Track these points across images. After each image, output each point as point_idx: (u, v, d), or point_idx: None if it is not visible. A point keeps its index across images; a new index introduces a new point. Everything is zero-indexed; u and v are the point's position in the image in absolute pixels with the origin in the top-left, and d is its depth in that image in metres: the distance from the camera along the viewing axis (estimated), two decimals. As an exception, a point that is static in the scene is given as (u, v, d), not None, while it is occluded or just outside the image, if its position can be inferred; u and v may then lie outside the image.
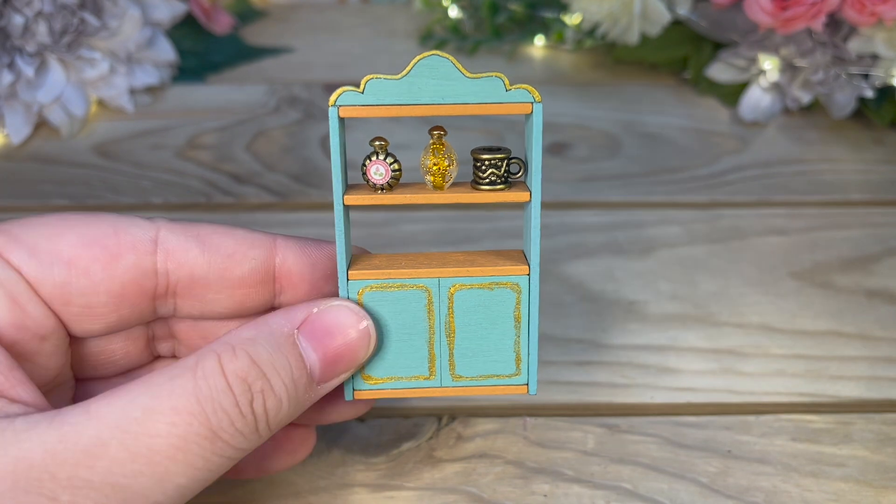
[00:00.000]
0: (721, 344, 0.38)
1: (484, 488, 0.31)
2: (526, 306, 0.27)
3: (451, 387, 0.28)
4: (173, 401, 0.22)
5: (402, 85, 0.25)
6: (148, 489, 0.21)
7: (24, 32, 0.51)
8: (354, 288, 0.26)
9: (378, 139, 0.26)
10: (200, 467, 0.22)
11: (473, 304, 0.27)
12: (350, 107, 0.25)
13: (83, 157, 0.53)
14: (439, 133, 0.26)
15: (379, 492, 0.31)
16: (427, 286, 0.27)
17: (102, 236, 0.25)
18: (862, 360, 0.37)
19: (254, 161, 0.53)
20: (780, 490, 0.31)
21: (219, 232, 0.27)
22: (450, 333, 0.27)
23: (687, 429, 0.34)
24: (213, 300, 0.27)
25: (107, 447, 0.21)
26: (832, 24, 0.54)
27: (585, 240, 0.45)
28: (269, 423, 0.24)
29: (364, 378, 0.27)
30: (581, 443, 0.33)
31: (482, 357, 0.27)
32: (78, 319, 0.25)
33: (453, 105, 0.25)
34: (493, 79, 0.25)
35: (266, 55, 0.68)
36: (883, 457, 0.33)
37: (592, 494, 0.31)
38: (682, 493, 0.31)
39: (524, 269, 0.27)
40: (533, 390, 0.28)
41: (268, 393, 0.23)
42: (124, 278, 0.25)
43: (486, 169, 0.26)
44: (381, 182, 0.26)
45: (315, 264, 0.27)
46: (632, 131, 0.57)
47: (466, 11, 0.71)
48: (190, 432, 0.22)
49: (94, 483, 0.21)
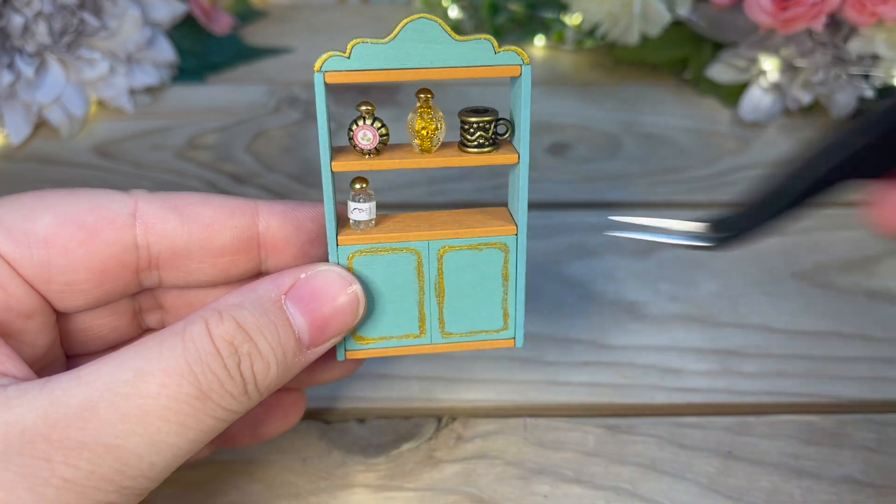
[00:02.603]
0: (721, 344, 0.38)
1: (484, 489, 0.31)
2: (514, 265, 0.27)
3: (440, 343, 0.28)
4: (163, 363, 0.22)
5: (388, 49, 0.24)
6: (141, 449, 0.22)
7: (23, 32, 0.51)
8: (344, 253, 0.26)
9: (365, 103, 0.25)
10: (193, 427, 0.22)
11: (462, 264, 0.27)
12: (336, 72, 0.24)
13: (83, 157, 0.53)
14: (426, 96, 0.26)
15: (379, 492, 0.31)
16: (417, 249, 0.27)
17: (79, 213, 0.25)
18: (862, 360, 0.37)
19: (254, 161, 0.53)
20: (780, 490, 0.31)
21: (198, 201, 0.27)
22: (439, 293, 0.27)
23: (687, 429, 0.34)
24: (196, 269, 0.27)
25: (97, 409, 0.21)
26: (832, 24, 0.54)
27: (585, 240, 0.45)
28: (257, 385, 0.24)
29: (356, 339, 0.27)
30: (581, 443, 0.33)
31: (471, 314, 0.28)
32: (61, 296, 0.26)
33: (442, 69, 0.25)
34: (481, 41, 0.24)
35: (266, 55, 0.68)
36: (883, 457, 0.33)
37: (592, 495, 0.31)
38: (682, 494, 0.31)
39: (512, 228, 0.27)
40: (520, 343, 0.28)
41: (255, 356, 0.23)
42: (104, 254, 0.25)
43: (475, 132, 0.26)
44: (369, 147, 0.26)
45: (300, 228, 0.27)
46: (632, 131, 0.57)
47: (466, 11, 0.71)
48: (180, 392, 0.22)
49: (86, 444, 0.21)
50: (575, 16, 0.64)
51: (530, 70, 0.25)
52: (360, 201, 0.26)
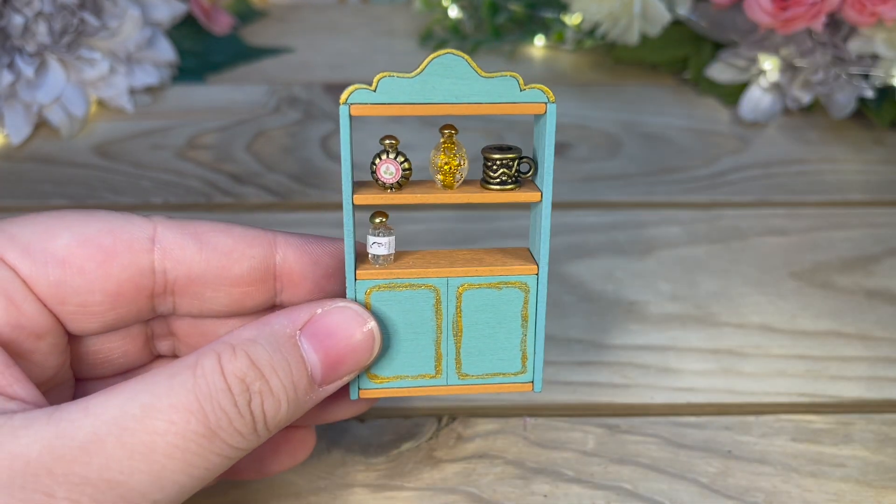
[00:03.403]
0: (721, 344, 0.38)
1: (484, 488, 0.31)
2: (534, 306, 0.27)
3: (456, 385, 0.28)
4: (172, 398, 0.22)
5: (415, 84, 0.24)
6: (145, 486, 0.21)
7: (23, 32, 0.51)
8: (362, 288, 0.26)
9: (388, 137, 0.25)
10: (198, 465, 0.22)
11: (481, 303, 0.27)
12: (362, 105, 0.24)
13: (83, 157, 0.53)
14: (450, 132, 0.26)
15: (379, 492, 0.31)
16: (436, 286, 0.26)
17: (98, 235, 0.25)
18: (862, 360, 0.37)
19: (254, 161, 0.53)
20: (780, 490, 0.31)
21: (217, 229, 0.26)
22: (457, 333, 0.27)
23: (687, 429, 0.34)
24: (211, 298, 0.27)
25: (104, 443, 0.21)
26: (832, 24, 0.54)
27: (585, 240, 0.45)
28: (267, 423, 0.23)
29: (370, 377, 0.27)
30: (581, 443, 0.33)
31: (488, 355, 0.27)
32: (74, 318, 0.25)
33: (467, 104, 0.25)
34: (507, 78, 0.24)
35: (266, 55, 0.68)
36: (883, 457, 0.33)
37: (592, 495, 0.31)
38: (682, 494, 0.31)
39: (533, 268, 0.27)
40: (538, 387, 0.28)
41: (266, 394, 0.23)
42: (120, 277, 0.25)
43: (497, 168, 0.26)
44: (392, 181, 0.26)
45: (317, 262, 0.27)
46: (632, 131, 0.57)
47: (466, 11, 0.71)
48: (188, 430, 0.22)
49: (90, 479, 0.21)
50: (575, 16, 0.64)
51: (555, 108, 0.25)
52: (380, 235, 0.26)
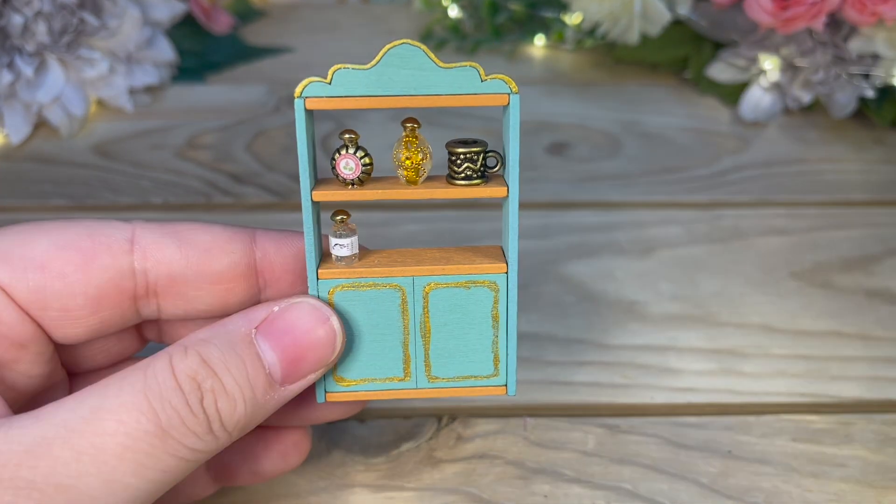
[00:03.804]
0: (721, 344, 0.38)
1: (484, 489, 0.31)
2: (504, 305, 0.26)
3: (426, 388, 0.27)
4: (122, 398, 0.21)
5: (371, 75, 0.23)
6: (95, 490, 0.21)
7: (23, 32, 0.51)
8: (325, 287, 0.25)
9: (348, 132, 0.25)
10: (151, 467, 0.22)
11: (450, 303, 0.26)
12: (317, 98, 0.24)
13: (83, 156, 0.53)
14: (412, 126, 0.25)
15: (379, 492, 0.31)
16: (401, 285, 0.26)
17: (76, 239, 0.25)
18: (862, 360, 0.37)
19: (253, 161, 0.53)
20: (780, 490, 0.31)
21: (195, 228, 0.26)
22: (425, 334, 0.26)
23: (687, 429, 0.34)
24: (195, 297, 0.26)
25: (50, 446, 0.21)
26: (833, 23, 0.54)
27: (585, 240, 0.45)
28: (223, 423, 0.23)
29: (336, 380, 0.26)
30: (581, 443, 0.33)
31: (459, 358, 0.27)
32: (57, 325, 0.25)
33: (426, 96, 0.24)
34: (467, 69, 0.24)
35: (266, 55, 0.68)
36: (883, 457, 0.33)
37: (592, 495, 0.31)
38: (683, 494, 0.31)
39: (502, 266, 0.26)
40: (512, 391, 0.27)
41: (219, 392, 0.23)
42: (101, 279, 0.25)
43: (462, 163, 0.25)
44: (352, 177, 0.25)
45: (297, 255, 0.27)
46: (632, 131, 0.57)
47: (466, 11, 0.71)
48: (138, 430, 0.21)
49: (36, 483, 0.20)
50: (575, 15, 0.64)
51: (518, 99, 0.24)
52: (342, 237, 0.25)
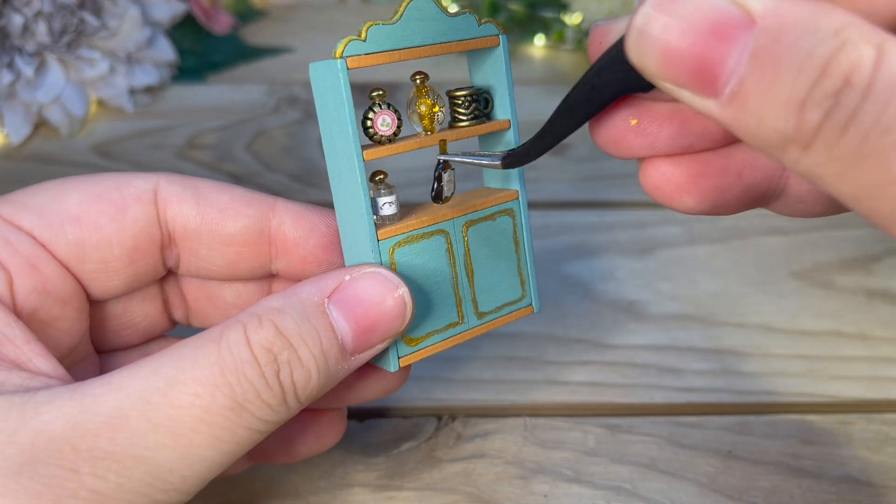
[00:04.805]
0: (721, 344, 0.38)
1: (484, 488, 0.31)
2: (521, 227, 0.28)
3: (476, 326, 0.28)
4: (196, 371, 0.21)
5: (397, 29, 0.24)
6: (172, 461, 0.21)
7: (23, 32, 0.51)
8: (385, 248, 0.25)
9: (376, 89, 0.25)
10: (226, 440, 0.21)
11: (483, 237, 0.27)
12: (356, 56, 0.24)
13: (83, 156, 0.53)
14: (422, 77, 0.26)
15: (379, 492, 0.31)
16: (445, 229, 0.26)
17: (106, 191, 0.26)
18: (862, 360, 0.37)
19: (254, 161, 0.53)
20: (780, 490, 0.31)
21: (216, 187, 0.27)
22: (469, 273, 0.27)
23: (687, 429, 0.34)
24: (206, 256, 0.27)
25: (128, 418, 0.20)
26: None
27: (585, 240, 0.45)
28: (297, 394, 0.23)
29: (406, 342, 0.26)
30: (581, 443, 0.33)
31: (497, 288, 0.28)
32: (95, 277, 0.26)
33: (440, 44, 0.25)
34: (467, 16, 0.26)
35: (266, 55, 0.68)
36: (883, 457, 0.33)
37: (592, 494, 0.31)
38: (682, 494, 0.31)
39: (514, 193, 0.28)
40: (537, 307, 0.29)
41: (295, 364, 0.22)
42: (134, 229, 0.26)
43: (470, 104, 0.26)
44: (389, 133, 0.25)
45: (313, 228, 0.27)
46: (632, 131, 0.57)
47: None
48: (214, 404, 0.21)
49: (115, 455, 0.20)
50: (575, 15, 0.64)
51: (506, 39, 0.26)
52: (389, 194, 0.26)
